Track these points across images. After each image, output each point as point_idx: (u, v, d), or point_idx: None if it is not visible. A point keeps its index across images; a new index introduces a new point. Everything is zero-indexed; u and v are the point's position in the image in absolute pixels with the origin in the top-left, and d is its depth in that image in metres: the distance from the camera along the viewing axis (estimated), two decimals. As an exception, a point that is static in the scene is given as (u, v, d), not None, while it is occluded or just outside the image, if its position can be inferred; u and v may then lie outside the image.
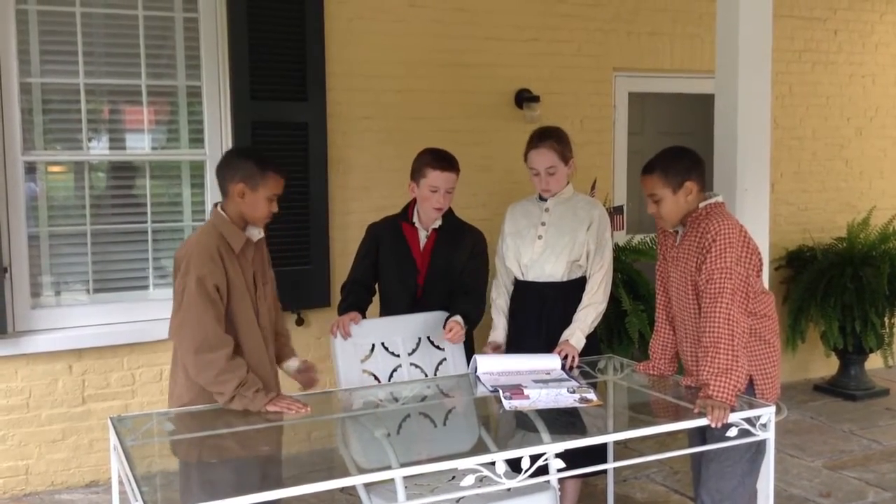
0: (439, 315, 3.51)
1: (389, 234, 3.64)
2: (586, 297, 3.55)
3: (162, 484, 2.41)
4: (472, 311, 3.50)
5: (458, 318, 3.41)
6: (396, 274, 3.61)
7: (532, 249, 3.60)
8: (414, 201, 3.64)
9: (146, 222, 4.58)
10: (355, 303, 3.52)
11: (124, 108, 4.57)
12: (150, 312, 4.54)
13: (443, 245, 3.58)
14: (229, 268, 2.84)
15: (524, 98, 5.15)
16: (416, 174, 3.56)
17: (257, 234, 2.97)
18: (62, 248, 4.46)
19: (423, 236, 3.61)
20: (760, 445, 2.90)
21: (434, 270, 3.57)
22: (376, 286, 3.69)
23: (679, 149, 3.08)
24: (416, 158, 3.61)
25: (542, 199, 3.65)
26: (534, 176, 3.60)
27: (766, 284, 3.26)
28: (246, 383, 2.79)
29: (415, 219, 3.62)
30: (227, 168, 2.92)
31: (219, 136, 4.62)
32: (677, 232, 3.07)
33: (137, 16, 4.47)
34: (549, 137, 3.56)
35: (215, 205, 2.96)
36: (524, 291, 3.63)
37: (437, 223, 3.60)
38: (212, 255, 2.81)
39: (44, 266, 4.42)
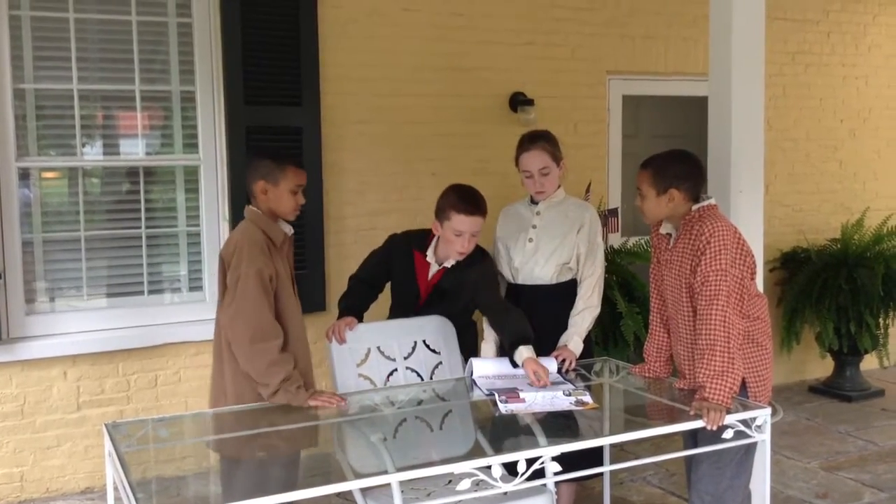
0: (435, 319, 3.50)
1: (402, 255, 3.51)
2: (581, 301, 3.56)
3: (157, 490, 2.41)
4: (526, 327, 3.31)
5: (527, 351, 3.21)
6: (398, 292, 3.58)
7: (523, 253, 3.60)
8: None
9: (140, 227, 4.58)
10: (355, 304, 3.49)
11: (118, 114, 4.56)
12: (144, 318, 4.53)
13: (449, 279, 3.46)
14: (275, 260, 2.98)
15: (519, 101, 5.15)
16: (441, 214, 3.35)
17: (289, 229, 3.12)
18: (56, 254, 4.45)
19: (433, 270, 3.48)
20: (750, 447, 2.90)
21: (434, 298, 3.49)
22: (383, 285, 3.64)
23: (680, 155, 3.04)
24: (441, 196, 3.39)
25: (533, 202, 3.65)
26: (526, 178, 3.60)
27: (760, 286, 3.26)
28: (291, 378, 2.89)
29: (429, 251, 3.45)
30: (249, 170, 3.08)
31: (213, 142, 4.62)
32: (671, 235, 3.08)
33: (131, 21, 4.46)
34: (540, 139, 3.57)
35: (246, 207, 3.10)
36: (516, 295, 3.63)
37: (452, 262, 3.44)
38: (262, 248, 2.93)
39: (38, 272, 4.40)
